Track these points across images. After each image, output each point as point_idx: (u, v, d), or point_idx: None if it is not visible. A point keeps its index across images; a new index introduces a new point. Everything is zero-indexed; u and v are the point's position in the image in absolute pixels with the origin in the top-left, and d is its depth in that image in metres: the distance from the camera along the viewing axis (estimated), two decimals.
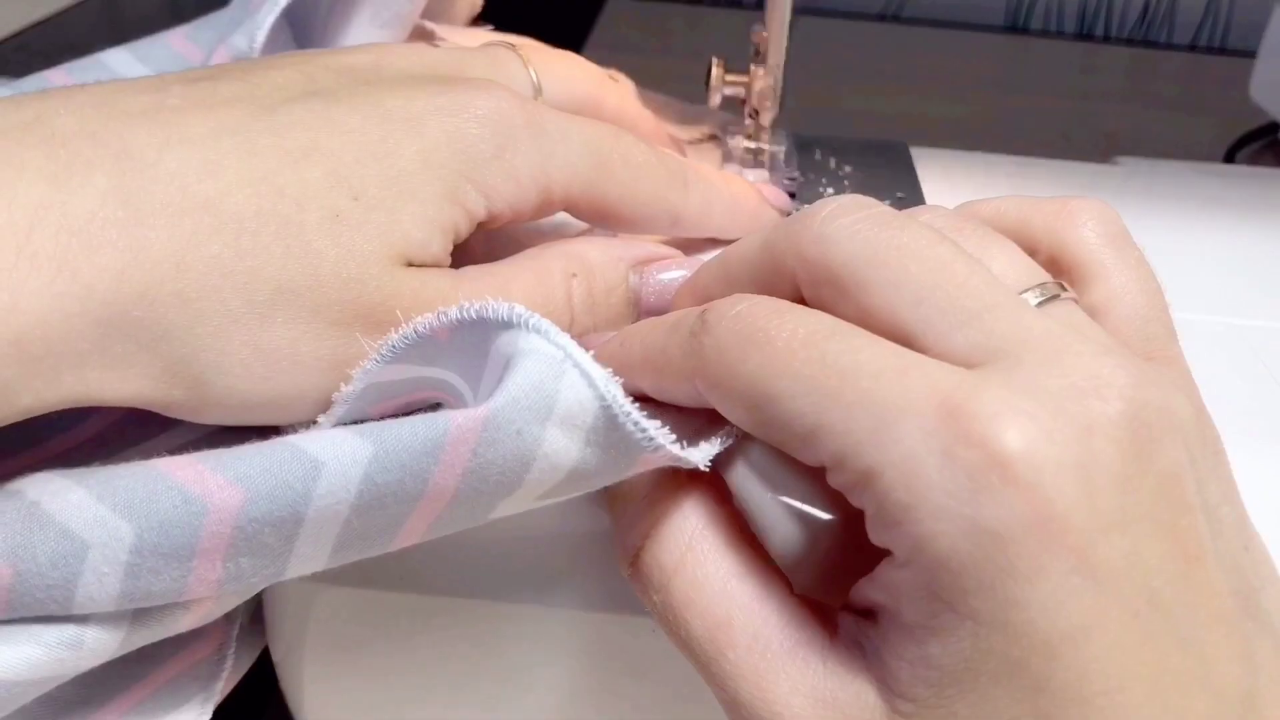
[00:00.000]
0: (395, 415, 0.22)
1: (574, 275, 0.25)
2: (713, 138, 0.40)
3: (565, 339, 0.20)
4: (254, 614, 0.28)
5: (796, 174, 0.39)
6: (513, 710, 0.28)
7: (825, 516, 0.22)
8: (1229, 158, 0.57)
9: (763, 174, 0.39)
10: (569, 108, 0.27)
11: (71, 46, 0.35)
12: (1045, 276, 0.21)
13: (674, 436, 0.20)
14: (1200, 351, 0.23)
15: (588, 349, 0.20)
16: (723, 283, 0.23)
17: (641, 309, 0.27)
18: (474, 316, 0.21)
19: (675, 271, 0.27)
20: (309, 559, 0.21)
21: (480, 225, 0.25)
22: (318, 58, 0.26)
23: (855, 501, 0.19)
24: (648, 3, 0.78)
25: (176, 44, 0.35)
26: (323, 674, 0.28)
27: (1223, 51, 0.80)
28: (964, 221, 0.22)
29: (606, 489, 0.22)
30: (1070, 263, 0.22)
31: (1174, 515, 0.18)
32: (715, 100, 0.38)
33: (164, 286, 0.20)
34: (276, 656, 0.28)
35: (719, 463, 0.23)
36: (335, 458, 0.20)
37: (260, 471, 0.20)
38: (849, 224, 0.20)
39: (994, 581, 0.17)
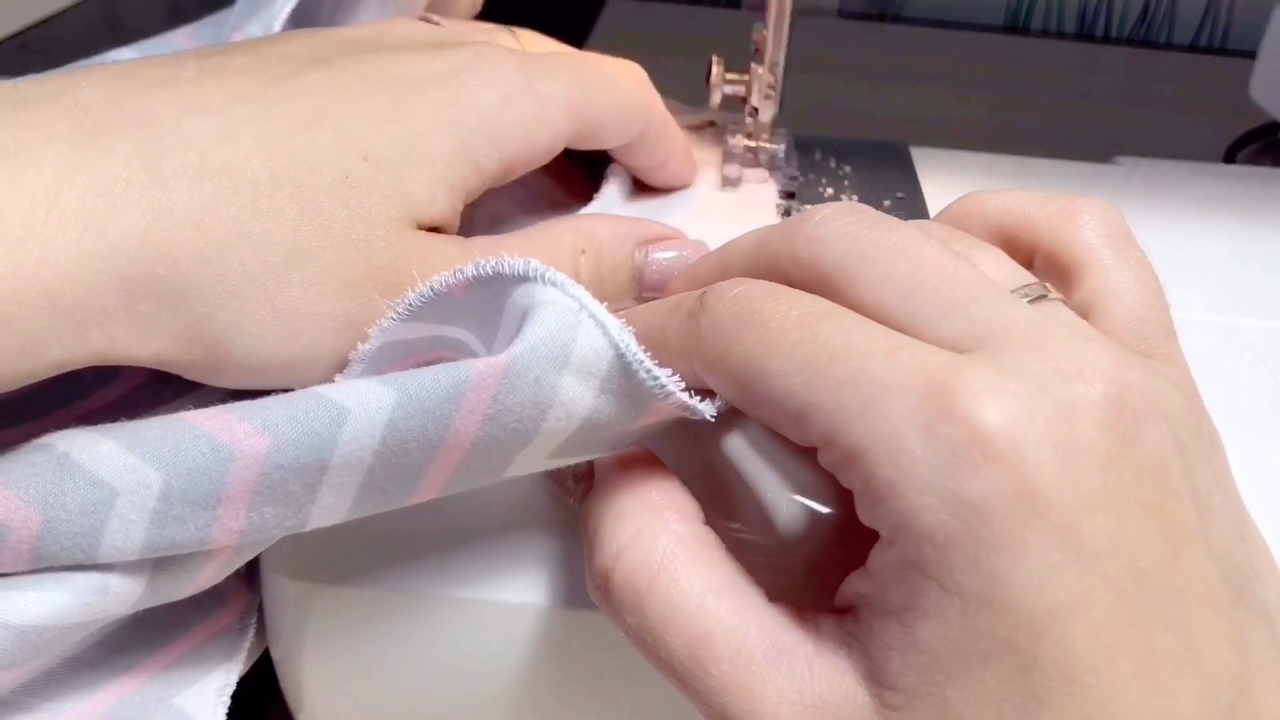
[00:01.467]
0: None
1: (583, 251, 0.27)
2: (711, 124, 0.41)
3: (580, 290, 0.21)
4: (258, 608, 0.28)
5: (796, 174, 0.39)
6: (514, 709, 0.28)
7: (824, 510, 0.23)
8: (1229, 158, 0.57)
9: (762, 173, 0.39)
10: None
11: (71, 46, 0.35)
12: (1031, 278, 0.21)
13: (683, 385, 0.21)
14: (1200, 351, 0.23)
15: None
16: (719, 276, 0.24)
17: (644, 286, 0.28)
18: (490, 273, 0.21)
19: (673, 252, 0.28)
20: (330, 510, 0.22)
21: (497, 178, 0.26)
22: (323, 33, 0.27)
23: (844, 480, 0.19)
24: (648, 3, 0.78)
25: (181, 43, 0.36)
26: (323, 674, 0.28)
27: (1223, 51, 0.80)
28: (953, 230, 0.23)
29: (581, 512, 0.23)
30: (1070, 260, 0.22)
31: (1161, 498, 0.18)
32: (715, 100, 0.38)
33: (185, 246, 0.21)
34: (276, 656, 0.28)
35: (722, 447, 0.23)
36: (360, 405, 0.21)
37: (287, 419, 0.21)
38: (840, 226, 0.21)
39: (978, 557, 0.17)
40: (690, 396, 0.21)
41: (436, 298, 0.22)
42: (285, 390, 0.22)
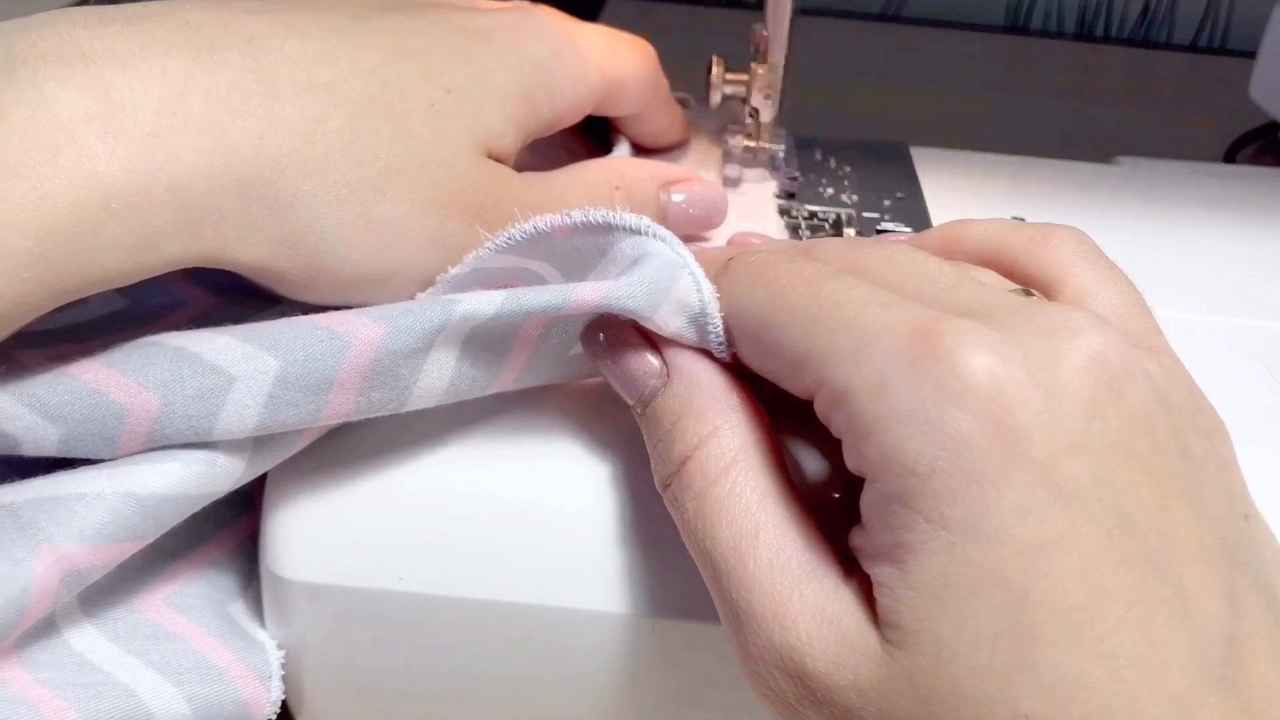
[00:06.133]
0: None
1: (616, 188, 0.30)
2: (684, 103, 0.41)
3: (684, 248, 0.23)
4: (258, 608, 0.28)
5: (796, 174, 0.39)
6: (513, 710, 0.28)
7: (835, 496, 0.24)
8: (1229, 158, 0.57)
9: (762, 173, 0.39)
10: None
11: None
12: (1018, 286, 0.22)
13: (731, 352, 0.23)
14: (1200, 351, 0.23)
15: None
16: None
17: (668, 224, 0.30)
18: (600, 221, 0.24)
19: (692, 193, 0.32)
20: (428, 392, 0.24)
21: (546, 126, 0.29)
22: None
23: (834, 426, 0.20)
24: (648, 2, 0.78)
25: None
26: (323, 674, 0.28)
27: (1223, 51, 0.80)
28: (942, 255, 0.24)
29: (652, 409, 0.24)
30: (1046, 275, 0.23)
31: (1148, 451, 0.19)
32: (715, 100, 0.38)
33: (294, 155, 0.23)
34: None
35: None
36: (471, 297, 0.23)
37: (402, 311, 0.23)
38: (835, 248, 0.23)
39: (962, 488, 0.18)
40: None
41: (538, 235, 0.24)
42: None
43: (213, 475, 0.23)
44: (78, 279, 0.21)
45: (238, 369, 0.22)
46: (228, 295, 0.28)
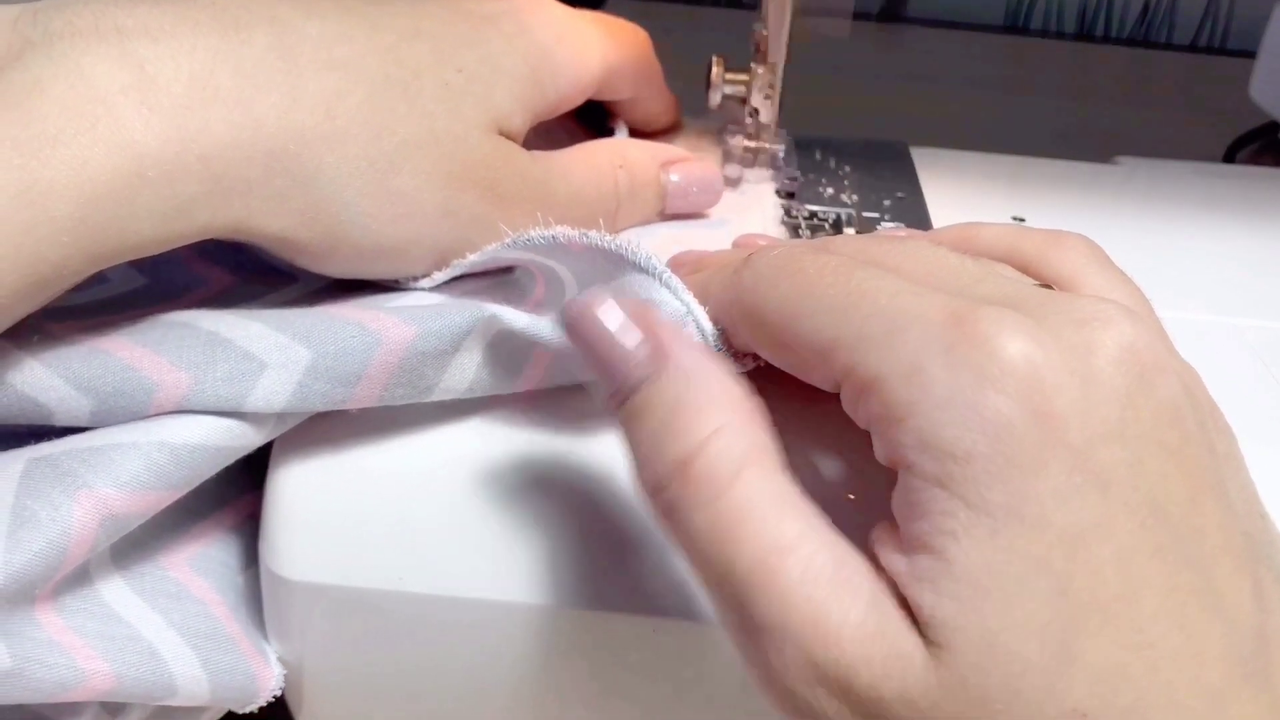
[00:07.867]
0: (493, 276, 0.28)
1: (620, 167, 0.32)
2: None
3: (689, 296, 0.24)
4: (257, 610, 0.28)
5: (796, 174, 0.39)
6: (513, 710, 0.28)
7: (849, 497, 0.24)
8: (1229, 158, 0.57)
9: (762, 173, 0.39)
10: None
11: None
12: (1038, 282, 0.22)
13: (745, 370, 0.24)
14: (1200, 351, 0.23)
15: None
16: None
17: (667, 203, 0.33)
18: (613, 249, 0.24)
19: (690, 173, 0.34)
20: (449, 391, 0.25)
21: (552, 107, 0.30)
22: None
23: (862, 416, 0.20)
24: (648, 2, 0.78)
25: None
26: (323, 674, 0.28)
27: (1223, 51, 0.80)
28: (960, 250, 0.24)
29: (635, 403, 0.21)
30: (1058, 277, 0.23)
31: (1179, 443, 0.19)
32: (715, 100, 0.38)
33: (317, 129, 0.24)
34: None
35: None
36: (502, 308, 0.24)
37: (432, 314, 0.24)
38: (854, 243, 0.23)
39: (1001, 472, 0.18)
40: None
41: (555, 244, 0.25)
42: (381, 286, 0.26)
43: (244, 428, 0.24)
44: (114, 244, 0.22)
45: (270, 357, 0.23)
46: (244, 274, 0.28)
